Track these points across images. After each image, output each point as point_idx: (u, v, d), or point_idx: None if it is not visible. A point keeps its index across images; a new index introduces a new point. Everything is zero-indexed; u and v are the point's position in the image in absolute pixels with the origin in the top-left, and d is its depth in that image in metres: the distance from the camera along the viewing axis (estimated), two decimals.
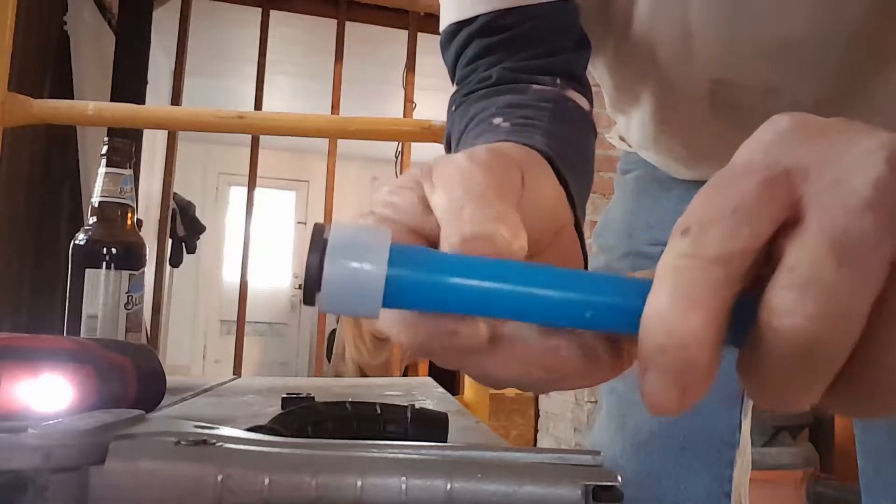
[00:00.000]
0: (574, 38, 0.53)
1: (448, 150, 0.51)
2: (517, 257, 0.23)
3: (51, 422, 0.24)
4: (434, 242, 0.25)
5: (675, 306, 0.19)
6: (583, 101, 0.51)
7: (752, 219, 0.19)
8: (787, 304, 0.18)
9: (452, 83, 0.55)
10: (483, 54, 0.51)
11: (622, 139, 0.75)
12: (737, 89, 0.53)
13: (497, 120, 0.43)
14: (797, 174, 0.20)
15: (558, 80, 0.50)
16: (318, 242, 0.21)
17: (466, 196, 0.24)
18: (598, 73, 0.63)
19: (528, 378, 0.24)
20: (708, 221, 0.20)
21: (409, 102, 3.13)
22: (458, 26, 0.52)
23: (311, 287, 0.21)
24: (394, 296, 0.21)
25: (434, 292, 0.21)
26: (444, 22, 0.53)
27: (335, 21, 3.14)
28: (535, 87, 0.49)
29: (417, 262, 0.21)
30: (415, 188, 0.26)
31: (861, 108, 0.53)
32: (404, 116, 3.07)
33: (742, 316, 0.19)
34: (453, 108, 0.52)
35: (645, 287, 0.20)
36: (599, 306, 0.21)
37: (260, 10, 3.09)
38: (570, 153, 0.41)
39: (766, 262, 0.20)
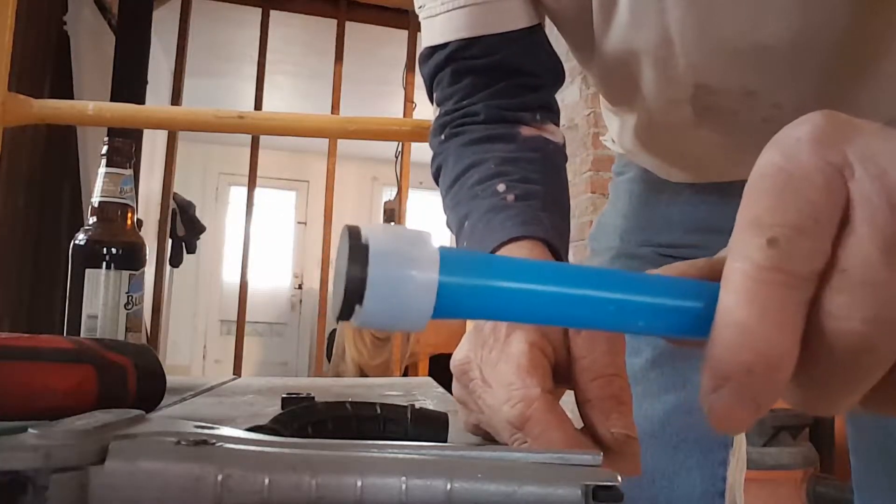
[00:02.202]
0: (544, 64, 0.57)
1: (437, 179, 0.55)
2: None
3: (51, 422, 0.24)
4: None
5: (764, 325, 0.18)
6: (558, 136, 0.55)
7: (828, 227, 0.18)
8: (840, 307, 0.18)
9: (431, 102, 0.59)
10: (457, 80, 0.55)
11: (615, 142, 0.75)
12: (717, 93, 0.53)
13: (501, 187, 0.48)
14: (845, 171, 0.19)
15: (538, 116, 0.55)
16: (359, 249, 0.18)
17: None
18: (592, 81, 0.64)
19: None
20: (794, 232, 0.18)
21: (409, 102, 3.13)
22: (432, 50, 0.56)
23: (352, 300, 0.18)
24: (446, 305, 0.19)
25: (489, 299, 0.19)
26: (423, 45, 0.57)
27: (335, 21, 3.14)
28: (522, 132, 0.53)
29: (468, 266, 0.19)
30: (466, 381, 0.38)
31: (844, 111, 0.53)
32: (404, 116, 3.07)
33: None
34: (442, 136, 0.55)
35: (704, 290, 0.19)
36: (655, 309, 0.20)
37: (260, 10, 3.09)
38: (559, 215, 0.49)
39: None
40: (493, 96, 0.54)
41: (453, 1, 0.53)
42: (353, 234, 0.18)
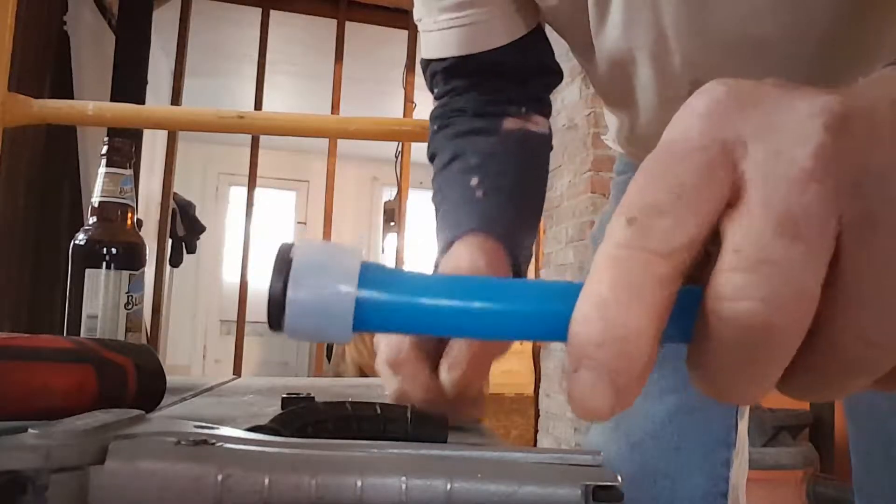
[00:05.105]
0: (534, 61, 0.61)
1: (432, 161, 0.61)
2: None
3: (51, 422, 0.24)
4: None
5: (617, 297, 0.17)
6: (542, 126, 0.61)
7: (698, 206, 0.18)
8: (737, 288, 0.17)
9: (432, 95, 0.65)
10: (449, 79, 0.61)
11: (616, 142, 0.75)
12: None
13: (473, 181, 0.54)
14: (736, 148, 0.18)
15: (523, 109, 0.60)
16: (283, 263, 0.19)
17: None
18: (591, 81, 0.64)
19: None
20: (653, 211, 0.18)
21: (409, 102, 3.13)
22: (429, 61, 0.61)
23: (275, 311, 0.19)
24: (365, 318, 0.19)
25: (407, 314, 0.20)
26: (421, 54, 0.62)
27: (335, 21, 3.14)
28: (504, 125, 0.58)
29: (388, 282, 0.20)
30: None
31: None
32: (404, 116, 3.07)
33: (685, 308, 0.18)
34: (435, 127, 0.62)
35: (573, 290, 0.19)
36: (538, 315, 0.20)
37: (260, 10, 3.09)
38: (529, 210, 0.56)
39: (710, 242, 0.18)
40: (481, 92, 0.60)
41: (445, 22, 0.57)
42: (283, 250, 0.20)
